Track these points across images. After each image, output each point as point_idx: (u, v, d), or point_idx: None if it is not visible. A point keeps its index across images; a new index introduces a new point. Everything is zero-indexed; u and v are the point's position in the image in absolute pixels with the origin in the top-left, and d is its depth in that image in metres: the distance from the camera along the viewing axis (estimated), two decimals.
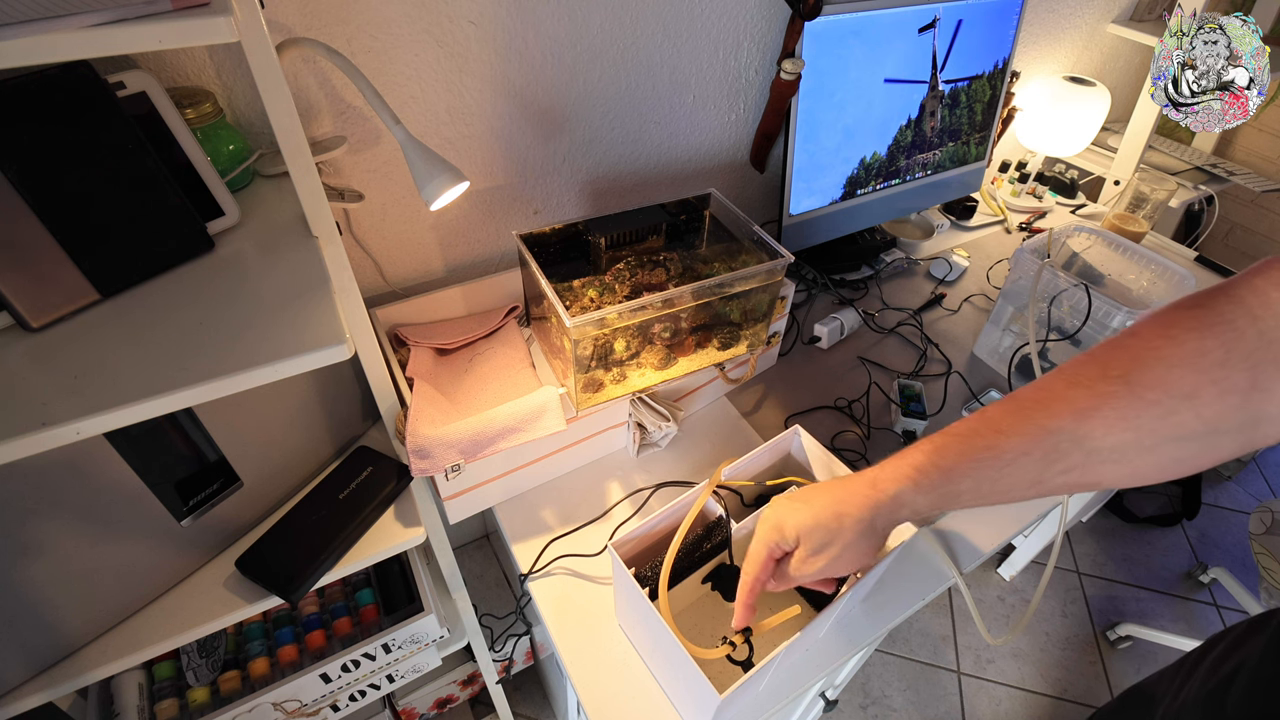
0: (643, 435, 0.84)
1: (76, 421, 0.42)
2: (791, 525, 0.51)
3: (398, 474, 0.71)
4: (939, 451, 0.46)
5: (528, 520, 0.79)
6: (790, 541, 0.51)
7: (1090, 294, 0.87)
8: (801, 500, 0.52)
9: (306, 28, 0.68)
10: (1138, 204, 1.48)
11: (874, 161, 1.13)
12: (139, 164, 0.50)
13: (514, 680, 1.38)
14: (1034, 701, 1.50)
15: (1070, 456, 0.42)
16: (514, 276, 0.91)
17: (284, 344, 0.48)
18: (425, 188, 0.62)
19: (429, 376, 0.75)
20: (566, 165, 0.95)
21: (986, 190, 1.47)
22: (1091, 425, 0.41)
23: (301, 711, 0.78)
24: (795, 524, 0.50)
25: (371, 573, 0.88)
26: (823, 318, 1.07)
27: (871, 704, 1.47)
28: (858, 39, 0.98)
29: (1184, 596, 1.72)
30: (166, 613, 0.62)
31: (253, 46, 0.40)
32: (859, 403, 0.97)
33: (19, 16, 0.33)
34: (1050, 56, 1.52)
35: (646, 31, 0.89)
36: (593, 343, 0.72)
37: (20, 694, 0.56)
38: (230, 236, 0.59)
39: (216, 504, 0.63)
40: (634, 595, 0.58)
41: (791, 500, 0.53)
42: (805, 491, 0.53)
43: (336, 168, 0.78)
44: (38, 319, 0.48)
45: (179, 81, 0.65)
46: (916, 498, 0.46)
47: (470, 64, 0.78)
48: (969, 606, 0.75)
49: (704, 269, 0.86)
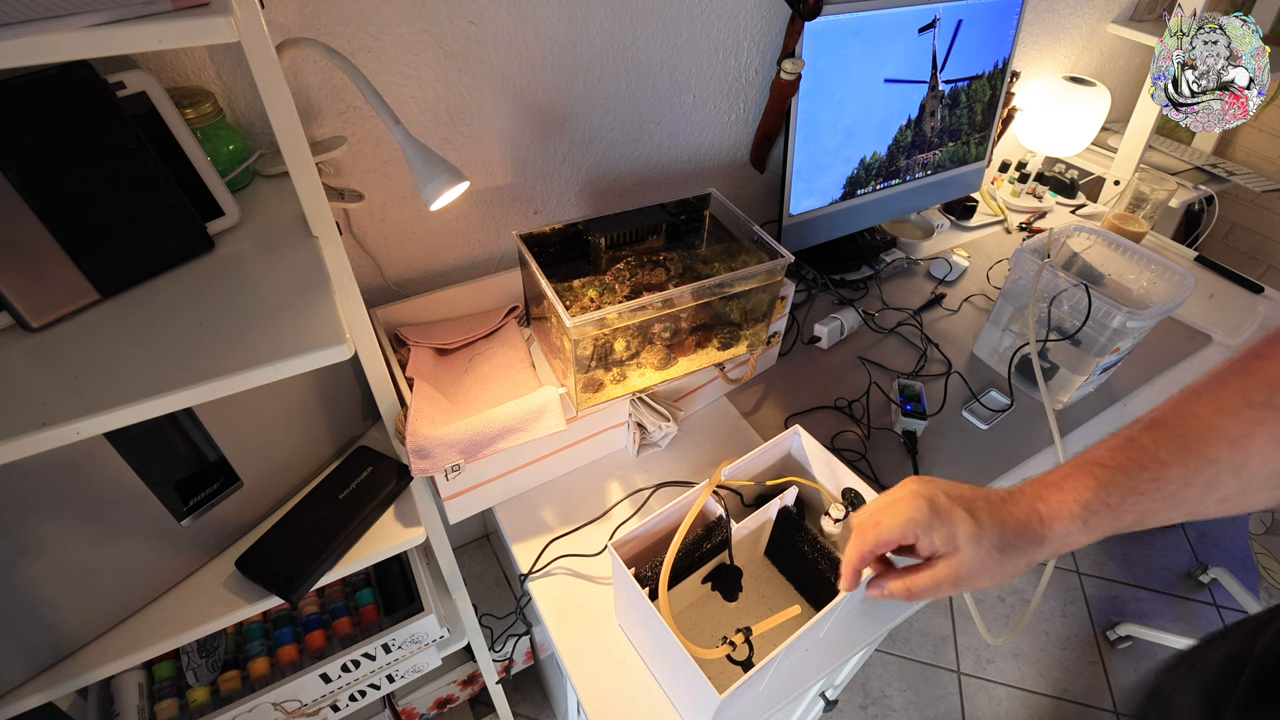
0: (643, 435, 0.84)
1: (76, 421, 0.42)
2: (947, 528, 0.45)
3: (398, 474, 0.71)
4: (1105, 488, 0.43)
5: (528, 520, 0.79)
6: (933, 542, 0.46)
7: (1090, 294, 0.87)
8: (965, 508, 0.46)
9: (306, 28, 0.68)
10: (1138, 204, 1.48)
11: (874, 161, 1.13)
12: (139, 164, 0.50)
13: (514, 680, 1.38)
14: (1034, 701, 1.50)
15: (1227, 486, 0.42)
16: (514, 276, 0.91)
17: (284, 344, 0.48)
18: (425, 188, 0.62)
19: (429, 376, 0.75)
20: (566, 165, 0.95)
21: (986, 190, 1.47)
22: (1248, 454, 0.41)
23: (301, 711, 0.78)
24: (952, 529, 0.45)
25: (371, 573, 0.88)
26: (823, 318, 1.07)
27: (871, 704, 1.47)
28: (858, 39, 0.98)
29: (1184, 596, 1.72)
30: (166, 613, 0.62)
31: (253, 46, 0.40)
32: (859, 403, 0.97)
33: (19, 16, 0.33)
34: (1050, 56, 1.52)
35: (646, 31, 0.89)
36: (593, 343, 0.72)
37: (20, 694, 0.56)
38: (230, 236, 0.59)
39: (216, 504, 0.63)
40: (634, 595, 0.58)
41: (949, 497, 0.47)
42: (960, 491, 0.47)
43: (336, 168, 0.78)
44: (38, 319, 0.48)
45: (179, 81, 0.65)
46: (1081, 537, 0.44)
47: (470, 64, 0.78)
48: (969, 606, 0.75)
49: (704, 269, 0.86)
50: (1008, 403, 0.98)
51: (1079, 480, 0.44)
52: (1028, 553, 0.44)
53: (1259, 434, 0.40)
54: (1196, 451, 0.42)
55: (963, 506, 0.46)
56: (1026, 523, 0.44)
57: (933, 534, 0.45)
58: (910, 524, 0.46)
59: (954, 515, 0.45)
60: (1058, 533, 0.44)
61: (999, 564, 0.44)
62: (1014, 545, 0.44)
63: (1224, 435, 0.41)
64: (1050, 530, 0.44)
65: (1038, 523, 0.44)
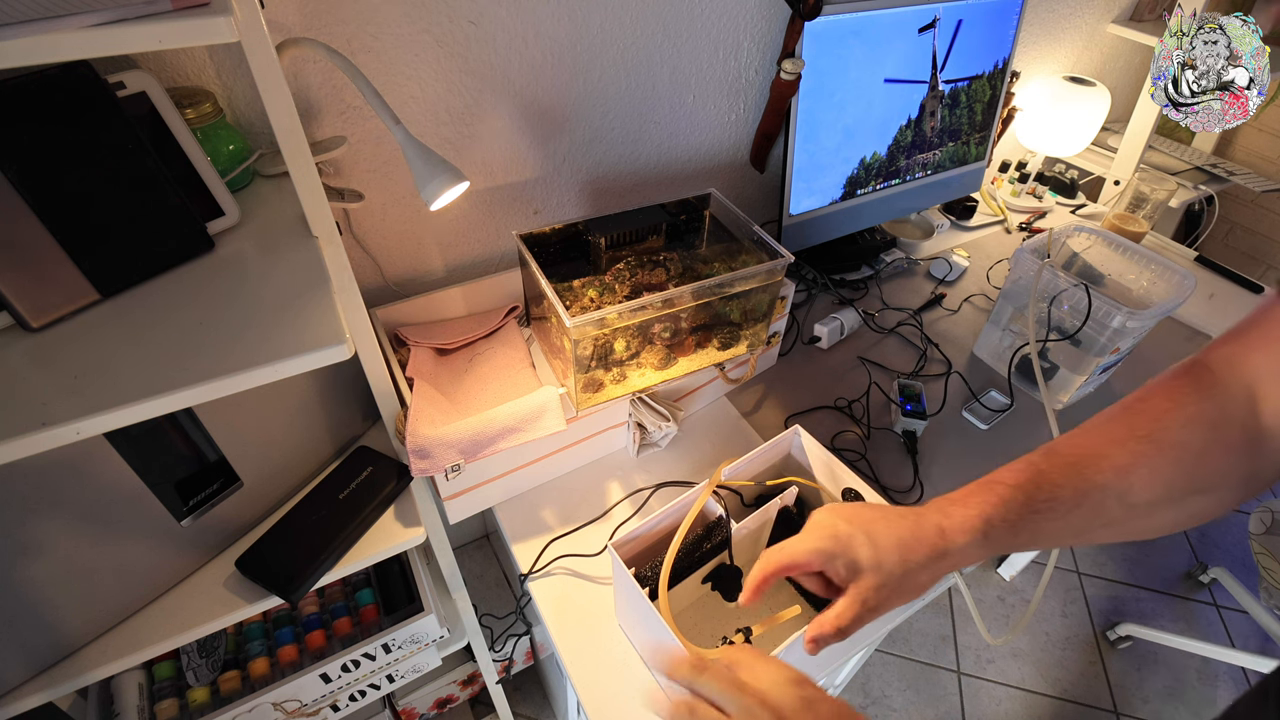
0: (643, 435, 0.84)
1: (76, 421, 0.42)
2: (849, 555, 0.47)
3: (398, 474, 0.71)
4: (1005, 505, 0.46)
5: (528, 520, 0.79)
6: (840, 570, 0.47)
7: (1090, 294, 0.87)
8: (861, 527, 0.48)
9: (306, 28, 0.68)
10: (1138, 204, 1.48)
11: (874, 161, 1.13)
12: (139, 164, 0.50)
13: (514, 680, 1.38)
14: (1034, 701, 1.50)
15: (1112, 511, 0.45)
16: (514, 276, 0.91)
17: (284, 344, 0.48)
18: (425, 188, 0.62)
19: (429, 376, 0.75)
20: (566, 165, 0.95)
21: (986, 190, 1.47)
22: (1130, 482, 0.44)
23: (301, 711, 0.78)
24: (854, 556, 0.46)
25: (371, 573, 0.88)
26: (823, 318, 1.07)
27: (871, 704, 1.47)
28: (858, 39, 0.98)
29: (1184, 596, 1.72)
30: (166, 613, 0.62)
31: (253, 46, 0.40)
32: (859, 403, 0.97)
33: (19, 16, 0.33)
34: (1050, 56, 1.52)
35: (646, 31, 0.89)
36: (593, 343, 0.72)
37: (20, 694, 0.56)
38: (230, 236, 0.59)
39: (216, 504, 0.63)
40: (634, 595, 0.58)
41: (849, 522, 0.48)
42: (862, 518, 0.49)
43: (337, 168, 0.78)
44: (38, 319, 0.48)
45: (179, 81, 0.65)
46: (981, 550, 0.46)
47: (470, 64, 0.78)
48: (969, 606, 0.75)
49: (704, 269, 0.86)
50: (1008, 403, 0.98)
51: (982, 497, 0.46)
52: (929, 567, 0.46)
53: (1141, 465, 0.45)
54: (1087, 477, 0.45)
55: (862, 530, 0.47)
56: (926, 538, 0.46)
57: (837, 562, 0.47)
58: (815, 553, 0.48)
59: (853, 541, 0.47)
60: (959, 545, 0.46)
61: (900, 582, 0.46)
62: (914, 561, 0.46)
63: (1111, 463, 0.45)
64: (952, 544, 0.46)
65: (938, 536, 0.46)
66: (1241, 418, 0.45)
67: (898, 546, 0.46)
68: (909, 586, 0.47)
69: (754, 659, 0.42)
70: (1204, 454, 0.44)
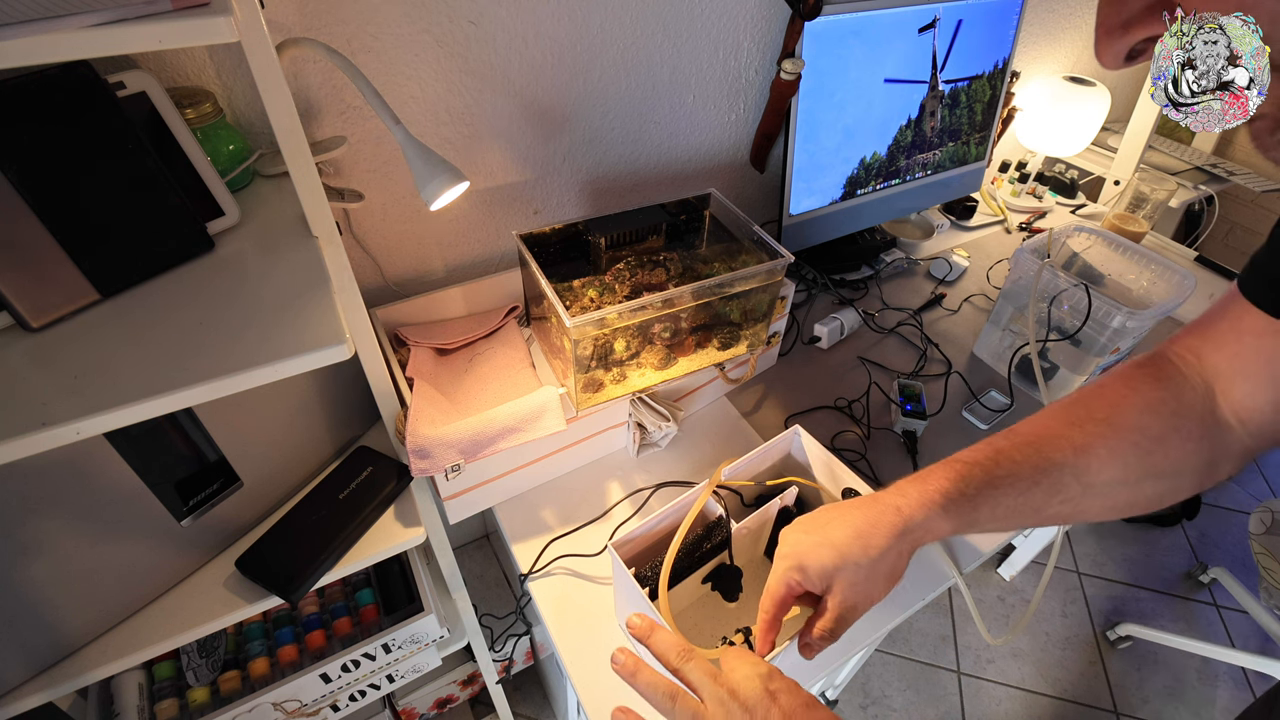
0: (643, 435, 0.84)
1: (76, 421, 0.42)
2: (815, 566, 0.47)
3: (398, 474, 0.71)
4: (964, 479, 0.47)
5: (528, 520, 0.79)
6: (815, 582, 0.48)
7: (1090, 294, 0.87)
8: (819, 534, 0.49)
9: (306, 28, 0.68)
10: (1138, 204, 1.48)
11: (874, 161, 1.13)
12: (139, 164, 0.50)
13: (514, 680, 1.38)
14: (1034, 701, 1.50)
15: (1070, 489, 0.47)
16: (514, 276, 0.91)
17: (284, 344, 0.48)
18: (425, 188, 0.62)
19: (429, 376, 0.75)
20: (566, 165, 0.95)
21: (986, 190, 1.47)
22: (1088, 461, 0.46)
23: (301, 711, 0.78)
24: (819, 564, 0.47)
25: (371, 573, 0.88)
26: (823, 318, 1.07)
27: (871, 704, 1.47)
28: (858, 39, 0.98)
29: (1184, 596, 1.72)
30: (166, 613, 0.62)
31: (253, 46, 0.40)
32: (859, 403, 0.97)
33: (19, 16, 0.33)
34: (1050, 56, 1.52)
35: (646, 31, 0.89)
36: (593, 343, 0.72)
37: (20, 694, 0.56)
38: (230, 236, 0.59)
39: (216, 504, 0.63)
40: (634, 595, 0.58)
41: (807, 533, 0.50)
42: (818, 523, 0.50)
43: (336, 168, 0.78)
44: (38, 319, 0.48)
45: (179, 81, 0.65)
46: (942, 523, 0.47)
47: (470, 64, 0.78)
48: (969, 606, 0.75)
49: (704, 269, 0.86)
50: (1008, 403, 0.98)
51: (941, 473, 0.48)
52: (894, 546, 0.47)
53: (1098, 445, 0.46)
54: (1046, 455, 0.47)
55: (820, 536, 0.49)
56: (884, 521, 0.47)
57: (810, 576, 0.48)
58: (786, 581, 0.49)
59: (816, 551, 0.48)
60: (918, 520, 0.47)
61: (870, 571, 0.47)
62: (876, 545, 0.47)
63: (1070, 443, 0.47)
64: (910, 519, 0.47)
65: (895, 514, 0.47)
66: (1200, 410, 0.46)
67: (856, 538, 0.47)
68: (881, 572, 0.48)
69: (735, 655, 0.44)
70: (1162, 440, 0.46)
